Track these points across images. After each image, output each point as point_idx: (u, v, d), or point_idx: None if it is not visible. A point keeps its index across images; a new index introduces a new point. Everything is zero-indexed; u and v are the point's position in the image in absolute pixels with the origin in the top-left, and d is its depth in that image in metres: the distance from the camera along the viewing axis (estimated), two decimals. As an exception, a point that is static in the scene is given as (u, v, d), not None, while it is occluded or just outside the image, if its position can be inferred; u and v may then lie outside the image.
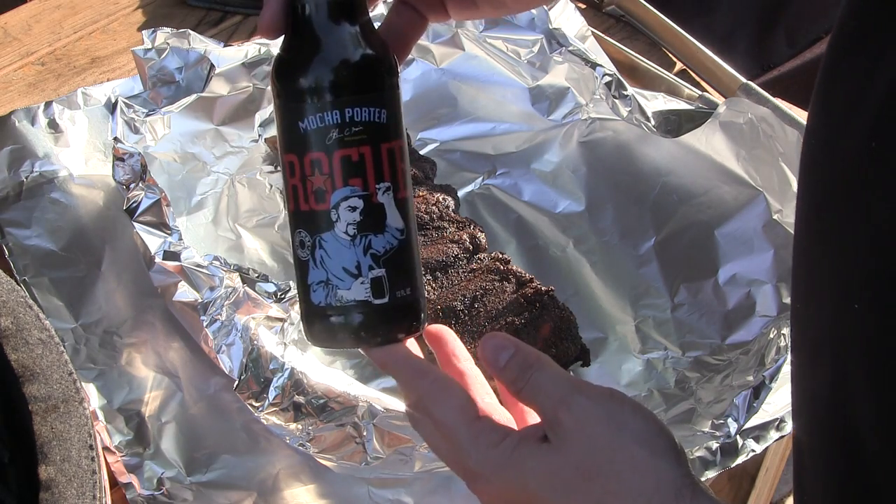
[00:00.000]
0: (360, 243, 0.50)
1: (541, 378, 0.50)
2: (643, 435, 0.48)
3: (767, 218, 0.95)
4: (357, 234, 0.50)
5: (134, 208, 0.83)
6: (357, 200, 0.50)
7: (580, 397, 0.48)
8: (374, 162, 0.50)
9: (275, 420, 0.73)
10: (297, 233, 0.52)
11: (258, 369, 0.72)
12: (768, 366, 0.81)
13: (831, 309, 0.42)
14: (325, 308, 0.51)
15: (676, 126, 0.98)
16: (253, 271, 0.78)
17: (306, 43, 0.50)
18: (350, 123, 0.50)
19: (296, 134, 0.51)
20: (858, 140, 0.38)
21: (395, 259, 0.51)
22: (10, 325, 0.64)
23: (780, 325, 0.86)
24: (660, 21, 1.18)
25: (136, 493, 0.74)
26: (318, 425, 0.72)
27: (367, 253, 0.51)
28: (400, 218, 0.51)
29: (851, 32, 0.40)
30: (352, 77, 0.50)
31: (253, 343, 0.73)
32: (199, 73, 0.98)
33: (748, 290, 0.92)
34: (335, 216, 0.50)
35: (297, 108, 0.50)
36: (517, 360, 0.50)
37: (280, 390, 0.71)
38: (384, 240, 0.51)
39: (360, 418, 0.71)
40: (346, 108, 0.50)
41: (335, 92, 0.49)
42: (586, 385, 0.50)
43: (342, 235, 0.50)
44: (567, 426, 0.48)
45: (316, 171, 0.50)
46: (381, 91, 0.51)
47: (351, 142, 0.50)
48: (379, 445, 0.72)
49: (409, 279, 0.52)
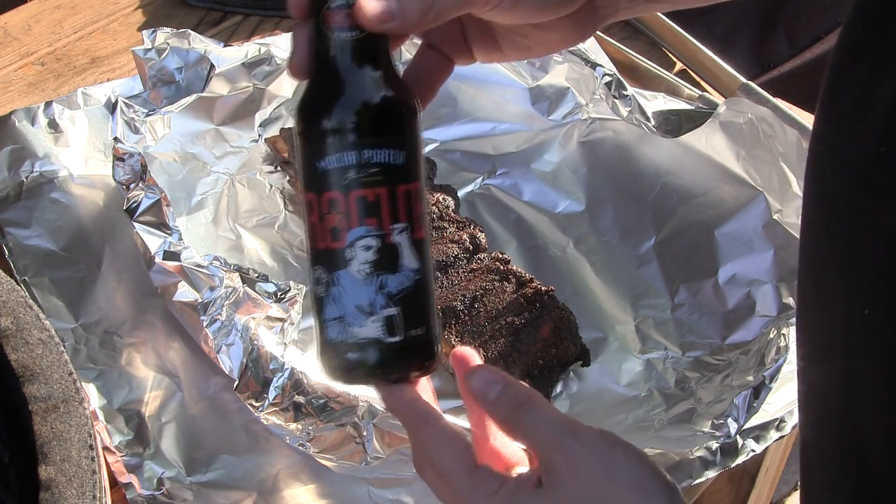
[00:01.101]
0: (374, 282, 0.51)
1: (533, 419, 0.50)
2: (635, 478, 0.48)
3: (767, 218, 0.95)
4: (372, 272, 0.51)
5: (134, 208, 0.83)
6: (372, 240, 0.51)
7: (572, 441, 0.48)
8: (390, 203, 0.51)
9: (275, 420, 0.73)
10: (315, 269, 0.53)
11: (258, 369, 0.72)
12: (768, 366, 0.81)
13: (840, 314, 0.41)
14: (340, 344, 0.52)
15: (676, 126, 0.98)
16: (253, 271, 0.78)
17: (328, 84, 0.51)
18: (367, 165, 0.50)
19: (315, 172, 0.51)
20: (867, 145, 0.38)
21: (409, 298, 0.52)
22: (10, 325, 0.64)
23: (780, 325, 0.86)
24: (660, 21, 1.18)
25: (136, 493, 0.74)
26: (318, 425, 0.72)
27: (382, 292, 0.51)
28: (415, 258, 0.52)
29: (858, 39, 0.40)
30: (369, 119, 0.51)
31: (253, 343, 0.73)
32: (199, 73, 0.98)
33: (748, 290, 0.92)
34: (350, 255, 0.51)
35: (317, 147, 0.51)
36: (508, 398, 0.50)
37: (280, 390, 0.72)
38: (399, 279, 0.51)
39: (360, 418, 0.71)
40: (363, 149, 0.50)
41: (352, 133, 0.50)
42: (578, 427, 0.49)
43: (356, 274, 0.51)
44: (560, 470, 0.48)
45: (333, 209, 0.51)
46: (400, 133, 0.52)
47: (367, 182, 0.50)
48: (379, 445, 0.72)
49: (423, 318, 0.53)
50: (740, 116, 0.95)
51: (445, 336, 0.83)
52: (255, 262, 0.94)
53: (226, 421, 0.80)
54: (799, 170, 0.93)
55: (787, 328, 0.84)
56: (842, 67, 0.41)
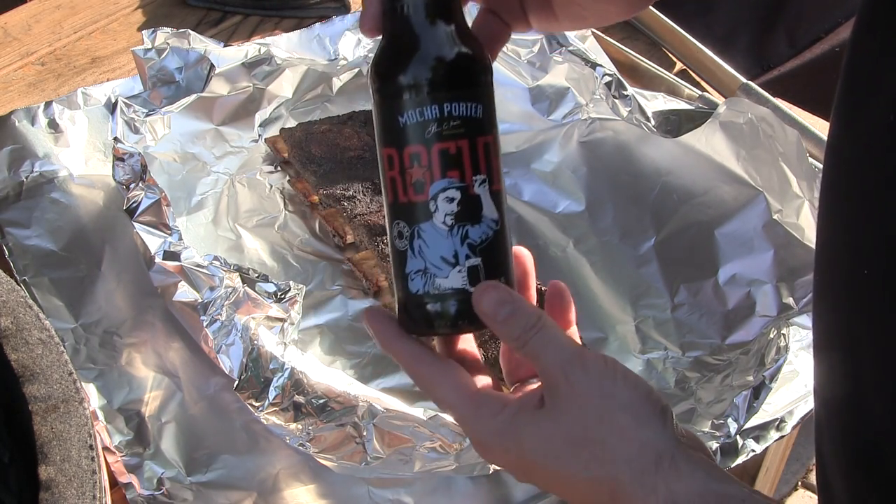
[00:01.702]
0: (457, 233, 0.52)
1: (540, 342, 0.51)
2: (630, 403, 0.50)
3: (767, 218, 0.95)
4: (455, 224, 0.52)
5: (134, 208, 0.83)
6: (455, 191, 0.52)
7: (577, 368, 0.50)
8: (471, 155, 0.52)
9: (275, 420, 0.73)
10: (396, 224, 0.54)
11: (258, 369, 0.72)
12: (768, 366, 0.81)
13: (846, 304, 0.42)
14: (423, 296, 0.53)
15: (676, 126, 0.98)
16: (253, 271, 0.78)
17: (405, 41, 0.52)
18: (449, 118, 0.52)
19: (395, 128, 0.52)
20: (880, 115, 0.38)
21: (490, 248, 0.53)
22: (10, 325, 0.64)
23: (780, 325, 0.86)
24: (660, 21, 1.18)
25: (136, 493, 0.74)
26: (318, 425, 0.72)
27: (465, 242, 0.52)
28: (495, 209, 0.53)
29: (871, 11, 0.40)
30: (451, 74, 0.52)
31: (253, 343, 0.73)
32: (199, 73, 0.99)
33: (748, 290, 0.92)
34: (433, 207, 0.52)
35: (397, 103, 0.52)
36: (517, 319, 0.51)
37: (280, 390, 0.72)
38: (480, 230, 0.53)
39: (360, 418, 0.71)
40: (444, 103, 0.51)
41: (435, 88, 0.52)
42: (584, 354, 0.51)
43: (440, 225, 0.52)
44: (562, 394, 0.50)
45: (415, 163, 0.52)
46: (478, 87, 0.53)
47: (449, 135, 0.52)
48: (379, 445, 0.72)
49: (503, 268, 0.54)
50: (740, 116, 0.95)
51: (445, 336, 0.83)
52: (255, 262, 0.94)
53: (226, 421, 0.80)
54: (799, 170, 0.93)
55: (787, 328, 0.84)
56: (857, 40, 0.41)
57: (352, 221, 0.92)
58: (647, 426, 0.49)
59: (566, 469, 0.50)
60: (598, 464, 0.49)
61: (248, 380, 0.72)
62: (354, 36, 1.10)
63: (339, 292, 0.92)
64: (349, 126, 1.01)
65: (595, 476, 0.49)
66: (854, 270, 0.41)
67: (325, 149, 0.99)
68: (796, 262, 0.92)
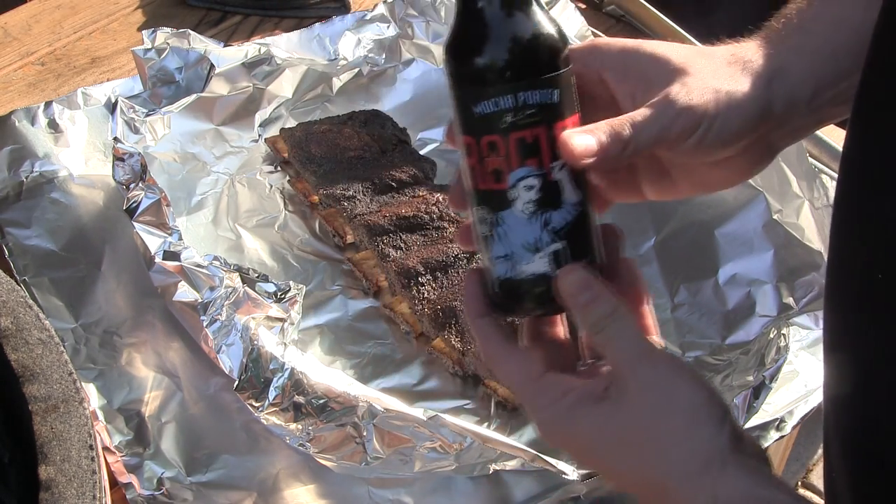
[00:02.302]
0: (538, 220, 0.52)
1: (614, 333, 0.52)
2: (689, 405, 0.50)
3: (767, 218, 0.95)
4: (535, 211, 0.52)
5: (134, 208, 0.83)
6: (534, 180, 0.52)
7: (646, 364, 0.51)
8: (549, 142, 0.51)
9: (275, 420, 0.73)
10: (478, 209, 0.54)
11: (258, 369, 0.72)
12: (768, 366, 0.81)
13: (853, 303, 0.43)
14: (507, 281, 0.53)
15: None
16: (253, 271, 0.78)
17: (479, 31, 0.52)
18: (524, 107, 0.51)
19: (471, 117, 0.52)
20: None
21: (574, 231, 0.53)
22: (10, 325, 0.64)
23: (780, 325, 0.86)
24: (660, 21, 1.18)
25: (136, 493, 0.74)
26: (318, 425, 0.72)
27: (547, 228, 0.52)
28: (575, 191, 0.53)
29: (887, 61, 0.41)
30: (523, 63, 0.51)
31: (253, 343, 0.73)
32: (199, 73, 0.99)
33: (748, 290, 0.92)
34: (514, 195, 0.52)
35: (472, 92, 0.52)
36: (597, 306, 0.52)
37: (280, 390, 0.72)
38: (562, 214, 0.52)
39: (360, 418, 0.71)
40: (519, 92, 0.51)
41: (508, 77, 0.51)
42: (653, 351, 0.52)
43: (521, 214, 0.52)
44: (626, 389, 0.51)
45: (492, 152, 0.52)
46: (552, 74, 0.52)
47: (525, 124, 0.51)
48: (379, 445, 0.72)
49: (588, 248, 0.54)
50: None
51: (445, 336, 0.83)
52: (255, 262, 0.94)
53: (226, 421, 0.80)
54: (799, 170, 0.93)
55: (787, 328, 0.84)
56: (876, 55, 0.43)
57: (352, 221, 0.92)
58: (702, 430, 0.49)
59: (617, 466, 0.52)
60: (647, 466, 0.50)
61: (248, 380, 0.72)
62: (354, 36, 1.10)
63: (339, 292, 0.92)
64: (349, 126, 1.01)
65: (643, 476, 0.51)
66: (867, 273, 0.42)
67: (325, 149, 0.99)
68: (796, 262, 0.92)
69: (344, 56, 1.08)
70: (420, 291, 0.86)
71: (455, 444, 0.71)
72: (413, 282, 0.86)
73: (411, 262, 0.87)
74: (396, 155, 0.99)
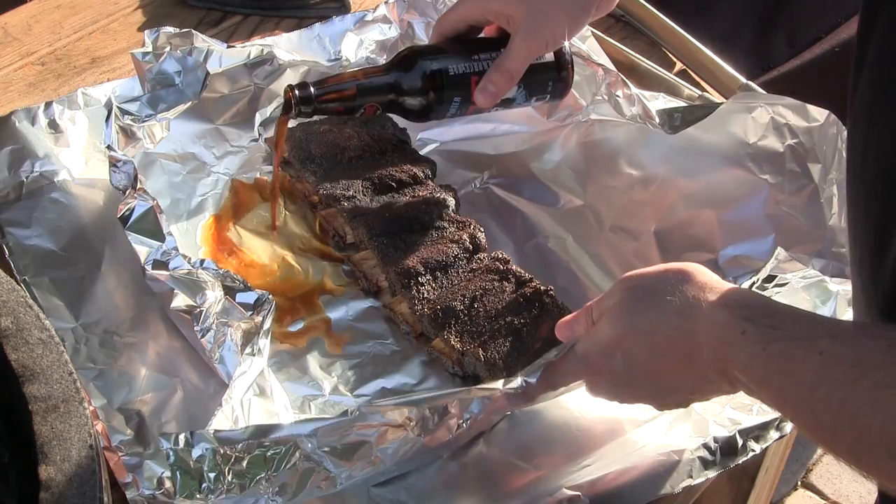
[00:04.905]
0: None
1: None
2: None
3: (770, 207, 0.95)
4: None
5: (127, 216, 0.83)
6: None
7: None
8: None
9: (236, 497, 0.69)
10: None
11: (185, 477, 0.68)
12: (768, 366, 0.81)
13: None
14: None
15: (679, 123, 0.98)
16: (232, 279, 0.78)
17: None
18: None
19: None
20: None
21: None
22: (10, 325, 0.64)
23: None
24: (660, 21, 1.18)
25: (136, 493, 0.74)
26: (272, 477, 0.68)
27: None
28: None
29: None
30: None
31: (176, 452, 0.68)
32: (198, 76, 0.99)
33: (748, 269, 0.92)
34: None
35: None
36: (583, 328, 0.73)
37: (216, 477, 0.68)
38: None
39: (303, 448, 0.68)
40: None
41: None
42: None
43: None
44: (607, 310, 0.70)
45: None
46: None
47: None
48: (339, 461, 0.70)
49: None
50: (744, 108, 0.96)
51: (445, 336, 0.83)
52: (254, 262, 0.94)
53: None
54: (805, 159, 0.93)
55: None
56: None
57: (352, 221, 0.92)
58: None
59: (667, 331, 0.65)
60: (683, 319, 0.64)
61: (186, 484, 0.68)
62: (356, 36, 1.10)
63: (339, 292, 0.92)
64: (349, 126, 1.01)
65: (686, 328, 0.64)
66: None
67: (325, 149, 0.99)
68: (797, 252, 0.92)
69: (346, 57, 1.08)
70: (420, 291, 0.86)
71: (401, 420, 0.69)
72: (413, 282, 0.86)
73: (411, 262, 0.87)
74: (396, 155, 0.99)
